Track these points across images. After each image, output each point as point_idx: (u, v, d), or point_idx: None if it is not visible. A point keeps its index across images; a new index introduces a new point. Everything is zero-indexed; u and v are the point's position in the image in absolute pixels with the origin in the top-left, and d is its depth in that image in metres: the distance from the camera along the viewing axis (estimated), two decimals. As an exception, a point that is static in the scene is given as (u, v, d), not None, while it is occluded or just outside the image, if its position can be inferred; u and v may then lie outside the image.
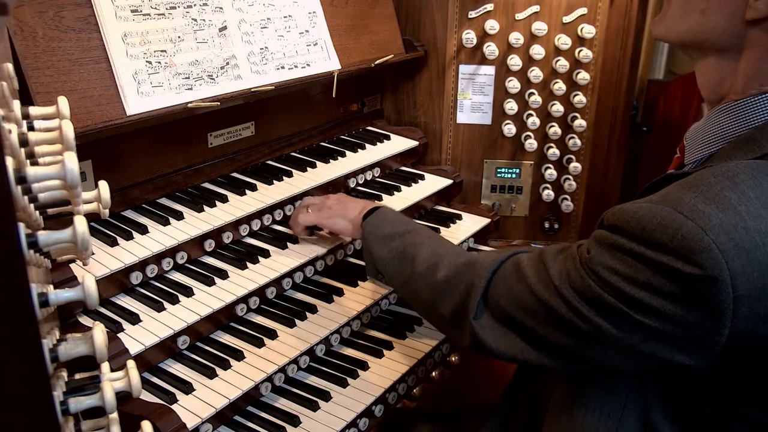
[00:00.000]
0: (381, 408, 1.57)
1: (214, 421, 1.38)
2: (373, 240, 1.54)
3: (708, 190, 0.94)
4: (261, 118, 1.97)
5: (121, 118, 1.47)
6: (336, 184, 2.00)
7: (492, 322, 1.20)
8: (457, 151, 2.39)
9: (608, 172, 2.41)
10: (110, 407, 0.85)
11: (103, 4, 1.48)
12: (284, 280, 1.69)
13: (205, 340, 1.54)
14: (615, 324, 1.00)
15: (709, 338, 0.94)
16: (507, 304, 1.17)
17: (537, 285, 1.11)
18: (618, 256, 1.00)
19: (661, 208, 0.96)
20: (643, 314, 0.97)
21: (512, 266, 1.20)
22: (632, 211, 1.00)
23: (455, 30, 2.25)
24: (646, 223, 0.96)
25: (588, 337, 1.05)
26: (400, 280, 1.46)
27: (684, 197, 0.95)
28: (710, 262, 0.90)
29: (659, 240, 0.94)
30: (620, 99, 2.32)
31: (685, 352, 0.98)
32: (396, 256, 1.47)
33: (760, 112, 1.07)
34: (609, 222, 1.05)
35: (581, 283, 1.04)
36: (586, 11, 2.23)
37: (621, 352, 1.03)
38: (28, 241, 0.72)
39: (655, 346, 0.99)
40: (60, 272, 1.32)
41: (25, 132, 0.88)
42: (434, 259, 1.37)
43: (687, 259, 0.91)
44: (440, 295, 1.31)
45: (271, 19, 1.86)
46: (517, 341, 1.17)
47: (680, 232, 0.92)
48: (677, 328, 0.96)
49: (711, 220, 0.91)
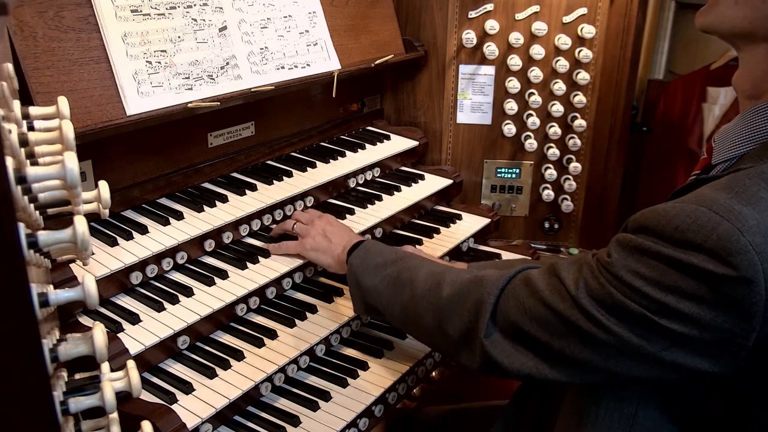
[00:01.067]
0: (381, 408, 1.57)
1: (214, 421, 1.38)
2: (363, 272, 1.47)
3: (744, 191, 0.93)
4: (261, 118, 1.97)
5: (121, 118, 1.47)
6: (336, 184, 2.01)
7: (503, 340, 1.16)
8: (457, 151, 2.39)
9: (608, 172, 2.41)
10: (110, 407, 0.85)
11: (103, 4, 1.48)
12: (284, 280, 1.69)
13: (205, 340, 1.54)
14: (636, 332, 0.98)
15: (735, 342, 0.93)
16: (518, 319, 1.13)
17: (551, 297, 1.08)
18: (643, 260, 0.97)
19: (695, 207, 0.93)
20: (668, 319, 0.95)
21: (522, 280, 1.16)
22: (662, 211, 0.97)
23: (455, 30, 2.25)
24: (679, 222, 0.94)
25: (607, 348, 1.02)
26: (397, 308, 1.40)
27: (719, 197, 0.93)
28: (745, 264, 0.88)
29: (693, 240, 0.92)
30: (620, 99, 2.32)
31: (709, 358, 0.96)
32: (391, 283, 1.41)
33: None
34: (636, 224, 1.01)
35: (600, 291, 1.01)
36: (586, 11, 2.23)
37: (641, 361, 1.00)
38: (28, 241, 0.72)
39: (678, 353, 0.96)
40: (60, 272, 1.32)
41: (25, 132, 0.88)
42: (435, 279, 1.32)
43: (722, 259, 0.90)
44: (447, 314, 1.25)
45: (271, 19, 1.86)
46: (530, 357, 1.13)
47: (716, 232, 0.90)
48: (704, 332, 0.93)
49: (748, 221, 0.90)
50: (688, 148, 3.34)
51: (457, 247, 2.06)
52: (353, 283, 1.51)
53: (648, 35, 3.37)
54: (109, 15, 1.49)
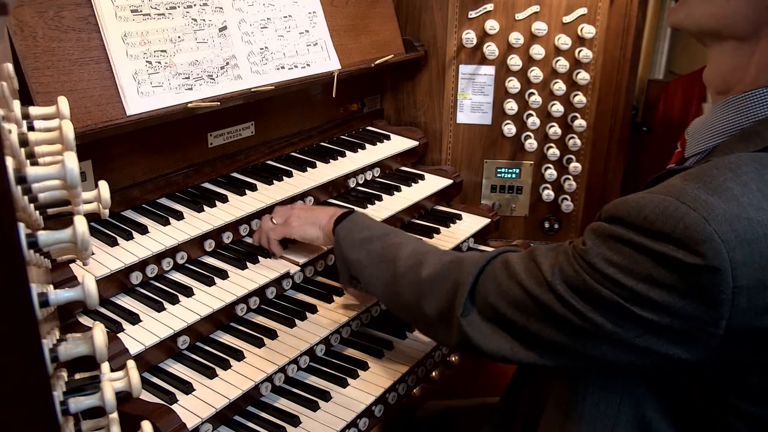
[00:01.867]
0: (381, 408, 1.57)
1: (214, 421, 1.38)
2: (349, 244, 1.48)
3: (711, 181, 0.94)
4: (261, 118, 1.97)
5: (121, 118, 1.47)
6: (336, 184, 2.01)
7: (480, 320, 1.18)
8: (457, 151, 2.39)
9: (608, 172, 2.41)
10: (110, 407, 0.85)
11: (103, 4, 1.48)
12: (284, 280, 1.69)
13: (205, 340, 1.54)
14: (610, 318, 1.00)
15: (706, 330, 0.94)
16: (496, 300, 1.15)
17: (528, 281, 1.10)
18: (616, 247, 0.99)
19: (663, 198, 0.95)
20: (640, 307, 0.96)
21: (501, 263, 1.18)
22: (633, 201, 0.99)
23: (455, 30, 2.25)
24: (647, 212, 0.96)
25: (581, 333, 1.03)
26: (380, 283, 1.41)
27: (686, 188, 0.95)
28: (712, 252, 0.90)
29: (661, 229, 0.94)
30: (620, 99, 2.32)
31: (681, 346, 0.97)
32: (375, 258, 1.43)
33: (764, 105, 1.06)
34: (607, 213, 1.04)
35: (575, 278, 1.03)
36: (586, 11, 2.23)
37: (615, 347, 1.02)
38: (28, 241, 0.72)
39: (651, 340, 0.98)
40: (60, 272, 1.32)
41: (25, 132, 0.88)
42: (417, 258, 1.34)
43: (689, 248, 0.91)
44: (425, 293, 1.28)
45: (271, 19, 1.86)
46: (506, 339, 1.15)
47: (683, 221, 0.92)
48: (675, 320, 0.95)
49: (714, 210, 0.91)
50: (688, 148, 3.33)
51: (458, 247, 2.06)
52: (339, 254, 1.51)
53: (648, 35, 3.37)
54: (109, 15, 1.49)
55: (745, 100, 1.09)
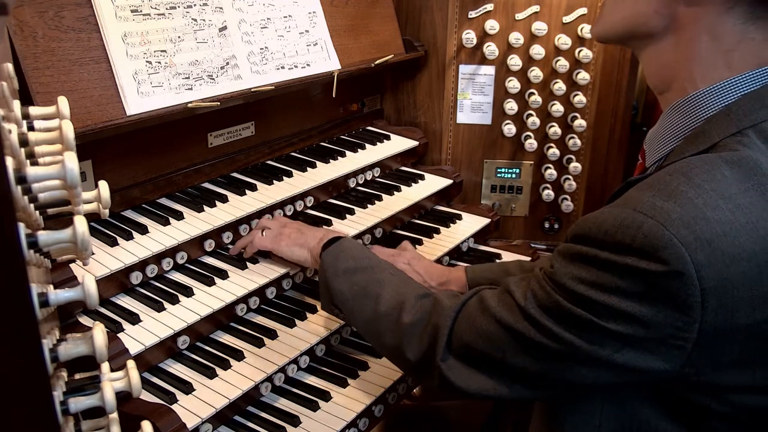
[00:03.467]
0: (381, 408, 1.57)
1: (214, 421, 1.38)
2: (333, 273, 1.44)
3: (665, 188, 0.95)
4: (261, 118, 1.97)
5: (121, 118, 1.47)
6: (336, 184, 2.01)
7: (457, 363, 1.17)
8: (457, 151, 2.39)
9: (608, 172, 2.41)
10: (110, 407, 0.85)
11: (103, 4, 1.48)
12: (284, 280, 1.69)
13: (205, 340, 1.54)
14: (586, 337, 1.00)
15: (680, 336, 0.94)
16: (471, 339, 1.14)
17: (501, 312, 1.10)
18: (582, 266, 1.00)
19: (621, 209, 0.97)
20: (613, 321, 0.97)
21: (476, 301, 1.18)
22: (593, 217, 1.00)
23: (455, 30, 2.25)
24: (607, 226, 0.97)
25: (559, 357, 1.03)
26: (361, 319, 1.39)
27: (642, 197, 0.96)
28: (674, 257, 0.90)
29: (621, 241, 0.95)
30: (620, 99, 2.32)
31: (659, 356, 0.97)
32: (357, 293, 1.39)
33: (707, 105, 1.07)
34: (572, 233, 1.05)
35: (547, 300, 1.03)
36: (586, 11, 2.23)
37: (594, 367, 1.02)
38: (28, 241, 0.72)
39: (629, 355, 0.98)
40: (60, 272, 1.32)
41: (25, 132, 0.88)
42: (399, 299, 1.32)
43: (650, 256, 0.92)
44: (406, 338, 1.26)
45: (271, 19, 1.86)
46: (486, 378, 1.14)
47: (641, 230, 0.93)
48: (648, 330, 0.95)
49: (670, 215, 0.92)
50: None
51: (457, 247, 2.06)
52: (322, 281, 1.48)
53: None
54: (109, 15, 1.49)
55: (687, 103, 1.09)
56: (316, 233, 1.61)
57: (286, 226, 1.66)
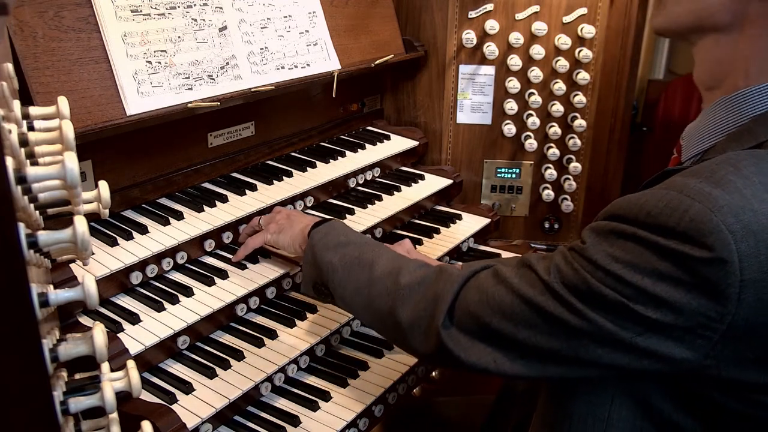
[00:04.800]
0: (381, 408, 1.57)
1: (214, 421, 1.38)
2: (322, 247, 1.40)
3: (712, 175, 0.93)
4: (261, 118, 1.97)
5: (121, 118, 1.47)
6: (336, 184, 2.01)
7: (458, 332, 1.13)
8: (457, 151, 2.39)
9: (608, 172, 2.41)
10: (110, 407, 0.85)
11: (103, 4, 1.48)
12: (284, 280, 1.69)
13: (205, 340, 1.54)
14: (611, 318, 0.97)
15: (710, 327, 0.93)
16: (479, 309, 1.10)
17: (520, 285, 1.06)
18: (619, 243, 0.97)
19: (666, 192, 0.94)
20: (642, 304, 0.94)
21: (489, 273, 1.14)
22: (634, 198, 0.98)
23: (455, 30, 2.25)
24: (650, 207, 0.94)
25: (577, 335, 1.00)
26: (350, 288, 1.34)
27: (688, 182, 0.94)
28: (719, 244, 0.88)
29: (665, 223, 0.92)
30: (620, 99, 2.32)
31: (683, 344, 0.95)
32: (349, 263, 1.35)
33: (756, 104, 1.05)
34: (607, 213, 1.01)
35: (574, 276, 1.00)
36: (586, 11, 2.23)
37: (613, 348, 0.99)
38: (28, 241, 0.72)
39: (652, 339, 0.96)
40: (60, 272, 1.32)
41: (25, 132, 0.88)
42: (396, 264, 1.29)
43: (695, 241, 0.90)
44: (401, 300, 1.22)
45: (271, 19, 1.86)
46: (488, 351, 1.10)
47: (688, 214, 0.91)
48: (679, 317, 0.93)
49: (718, 201, 0.90)
50: (688, 148, 3.34)
51: (457, 247, 2.06)
52: (309, 258, 1.43)
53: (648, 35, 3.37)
54: (109, 15, 1.49)
55: (736, 100, 1.08)
56: (303, 219, 1.58)
57: (280, 212, 1.66)
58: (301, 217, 1.62)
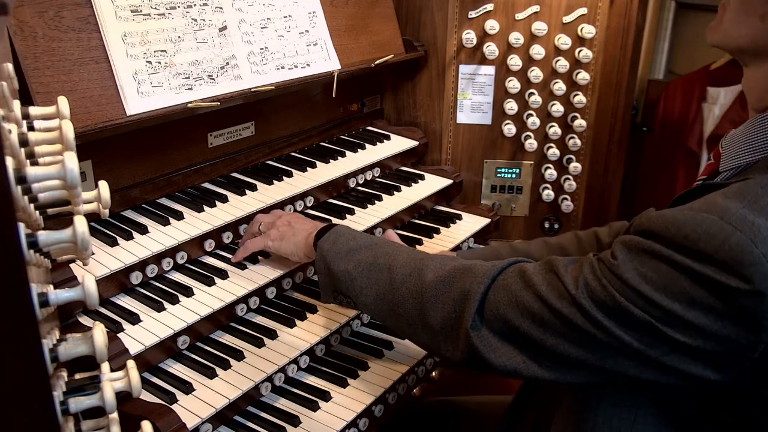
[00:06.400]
0: (381, 408, 1.57)
1: (214, 421, 1.38)
2: (334, 256, 1.37)
3: (756, 201, 0.91)
4: (261, 118, 1.97)
5: (121, 118, 1.47)
6: (336, 184, 2.01)
7: (489, 333, 1.11)
8: (457, 151, 2.39)
9: (608, 172, 2.41)
10: (110, 407, 0.85)
11: (103, 4, 1.48)
12: (284, 280, 1.69)
13: (205, 340, 1.54)
14: (638, 337, 0.95)
15: (741, 354, 0.91)
16: (509, 312, 1.08)
17: (548, 292, 1.04)
18: (652, 263, 0.94)
19: (706, 216, 0.91)
20: (672, 328, 0.92)
21: (516, 272, 1.11)
22: (672, 216, 0.94)
23: (455, 30, 2.25)
24: (689, 230, 0.91)
25: (604, 348, 0.99)
26: (372, 294, 1.31)
27: (730, 206, 0.91)
28: (759, 276, 0.86)
29: (704, 250, 0.89)
30: (620, 99, 2.32)
31: (712, 367, 0.94)
32: (366, 268, 1.32)
33: None
34: (641, 227, 0.98)
35: (603, 293, 0.97)
36: (586, 11, 2.23)
37: (640, 364, 0.98)
38: (28, 241, 0.72)
39: (679, 359, 0.94)
40: (60, 272, 1.32)
41: (25, 132, 0.88)
42: (417, 264, 1.25)
43: (734, 272, 0.88)
44: (429, 302, 1.19)
45: (271, 19, 1.86)
46: (518, 353, 1.08)
47: (728, 242, 0.88)
48: (708, 343, 0.92)
49: (761, 231, 0.88)
50: (688, 148, 3.34)
51: (457, 247, 2.06)
52: (323, 268, 1.41)
53: (648, 35, 3.37)
54: (109, 15, 1.49)
55: None
56: (305, 226, 1.56)
57: (281, 217, 1.63)
58: (301, 223, 1.59)
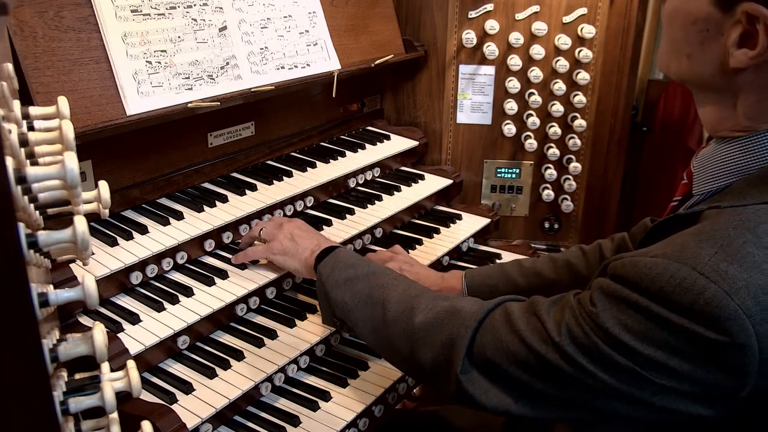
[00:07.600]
0: (381, 408, 1.57)
1: (214, 421, 1.38)
2: (332, 284, 1.40)
3: (729, 246, 0.89)
4: (261, 118, 1.97)
5: (121, 118, 1.47)
6: (336, 184, 2.01)
7: (479, 376, 1.11)
8: (457, 151, 2.39)
9: (608, 172, 2.41)
10: (110, 407, 0.85)
11: (103, 4, 1.48)
12: (284, 280, 1.69)
13: (205, 340, 1.54)
14: (624, 380, 0.95)
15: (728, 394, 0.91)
16: (496, 356, 1.08)
17: (531, 338, 1.03)
18: (629, 313, 0.94)
19: (679, 266, 0.90)
20: (657, 372, 0.92)
21: (501, 315, 1.11)
22: (645, 266, 0.93)
23: (455, 30, 2.25)
24: (663, 282, 0.90)
25: (592, 391, 0.99)
26: (367, 327, 1.33)
27: (702, 254, 0.89)
28: (737, 329, 0.85)
29: (679, 302, 0.89)
30: (620, 99, 2.32)
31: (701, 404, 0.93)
32: (362, 301, 1.35)
33: None
34: (618, 273, 0.97)
35: (585, 340, 0.97)
36: (586, 11, 2.23)
37: (629, 403, 0.97)
38: (28, 241, 0.72)
39: (668, 399, 0.94)
40: (60, 272, 1.32)
41: (25, 132, 0.88)
42: (409, 302, 1.26)
43: (711, 325, 0.87)
44: (419, 342, 1.20)
45: (271, 19, 1.86)
46: (508, 395, 1.08)
47: (703, 296, 0.87)
48: (695, 386, 0.91)
49: (736, 282, 0.86)
50: (688, 148, 3.34)
51: (457, 247, 2.06)
52: (322, 293, 1.45)
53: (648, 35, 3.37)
54: (109, 15, 1.49)
55: (752, 142, 1.04)
56: (309, 243, 1.56)
57: (282, 228, 1.61)
58: (304, 238, 1.58)
